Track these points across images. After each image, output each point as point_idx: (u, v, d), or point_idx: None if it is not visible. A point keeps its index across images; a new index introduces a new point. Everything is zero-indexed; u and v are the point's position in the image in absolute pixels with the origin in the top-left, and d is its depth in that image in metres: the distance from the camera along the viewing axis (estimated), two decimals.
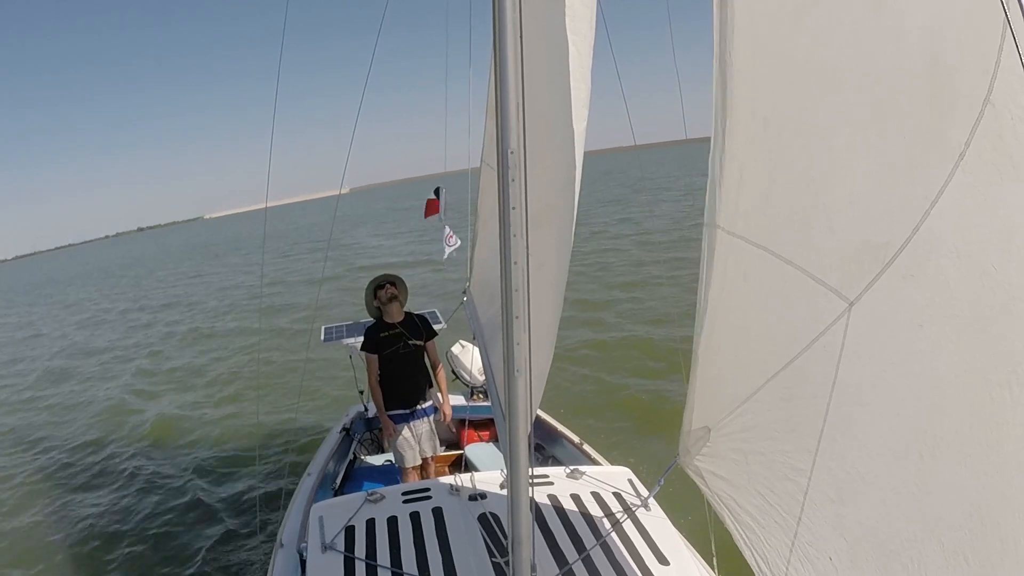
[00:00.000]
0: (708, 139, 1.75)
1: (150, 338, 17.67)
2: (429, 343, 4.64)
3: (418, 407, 4.58)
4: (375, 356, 4.48)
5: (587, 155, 2.15)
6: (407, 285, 4.74)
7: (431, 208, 5.37)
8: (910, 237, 1.38)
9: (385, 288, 4.51)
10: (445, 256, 5.55)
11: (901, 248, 1.40)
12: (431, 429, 4.66)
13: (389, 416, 4.51)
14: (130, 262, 58.10)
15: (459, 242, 5.33)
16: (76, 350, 17.99)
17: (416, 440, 4.57)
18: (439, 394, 4.73)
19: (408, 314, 4.66)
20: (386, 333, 4.50)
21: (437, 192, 5.20)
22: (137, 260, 59.04)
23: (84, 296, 33.37)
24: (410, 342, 4.51)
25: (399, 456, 4.57)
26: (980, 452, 1.32)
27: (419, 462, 4.61)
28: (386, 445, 4.70)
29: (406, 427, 4.53)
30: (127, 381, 13.14)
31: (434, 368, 4.71)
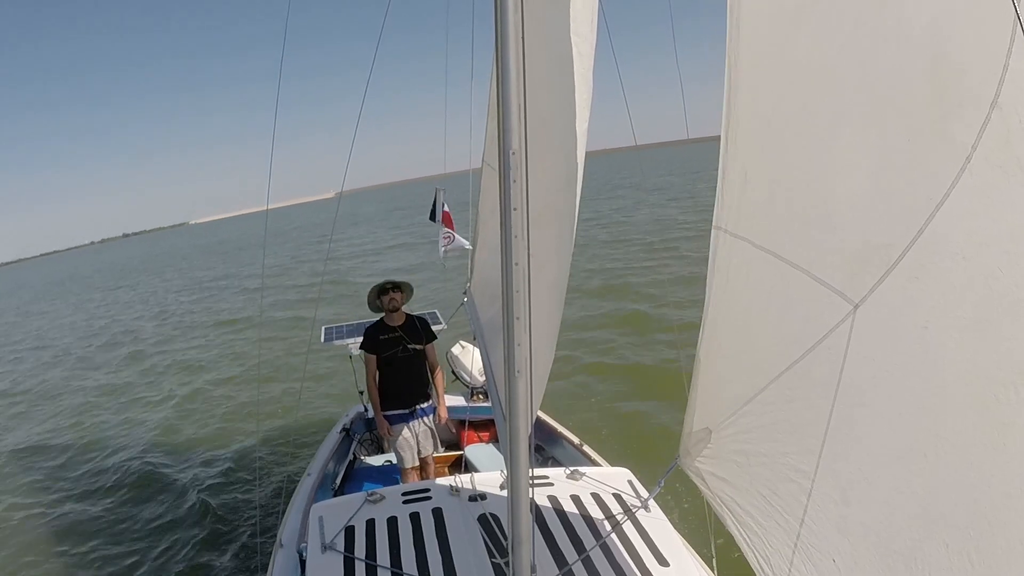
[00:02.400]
0: (708, 139, 1.75)
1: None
2: (428, 346, 4.66)
3: (417, 407, 4.59)
4: (374, 356, 4.50)
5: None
6: (412, 287, 4.75)
7: (447, 219, 5.46)
8: (915, 239, 1.38)
9: (389, 296, 4.51)
10: (442, 255, 5.56)
11: (906, 250, 1.40)
12: (430, 429, 4.67)
13: (388, 415, 4.53)
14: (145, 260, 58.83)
15: (459, 242, 5.33)
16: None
17: (415, 440, 4.58)
18: (435, 392, 4.75)
19: (409, 316, 4.67)
20: (386, 336, 4.52)
21: (435, 201, 5.23)
22: (152, 258, 59.55)
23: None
24: (409, 346, 4.54)
25: (399, 457, 4.58)
26: (985, 453, 1.32)
27: (418, 462, 4.62)
28: (386, 445, 4.73)
29: (405, 427, 4.54)
30: (124, 376, 13.18)
31: (432, 370, 4.72)
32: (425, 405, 4.64)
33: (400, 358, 4.51)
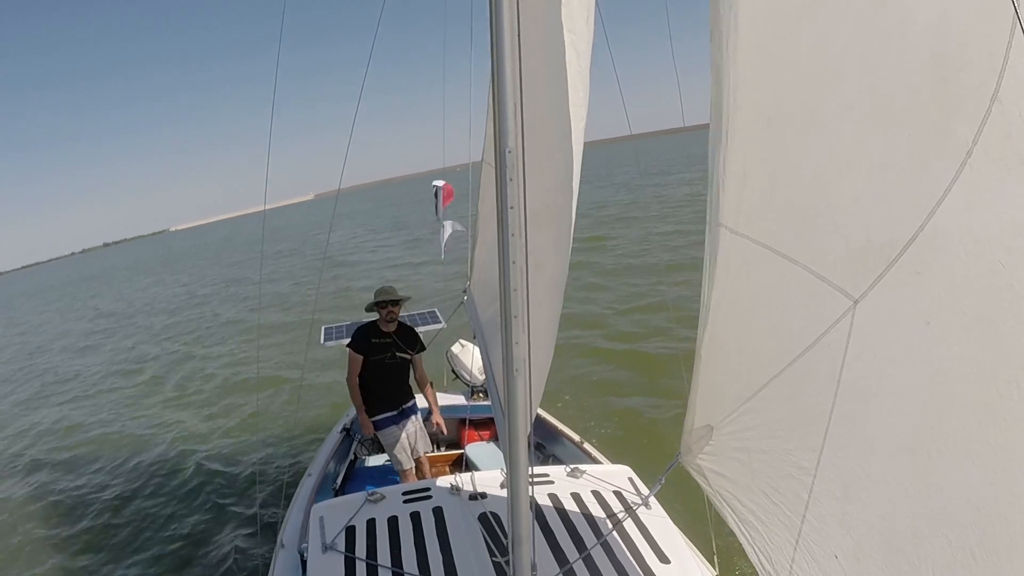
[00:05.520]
0: (705, 127, 1.75)
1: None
2: (417, 356, 4.70)
3: (403, 407, 4.62)
4: (360, 357, 4.52)
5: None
6: (409, 297, 4.78)
7: (447, 196, 5.38)
8: (916, 234, 1.37)
9: (387, 309, 4.55)
10: (443, 254, 5.53)
11: (907, 245, 1.39)
12: (420, 428, 4.69)
13: (377, 420, 4.57)
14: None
15: (460, 228, 5.27)
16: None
17: (409, 441, 4.60)
18: (428, 403, 4.80)
19: (402, 325, 4.70)
20: (377, 340, 4.55)
21: (436, 193, 5.20)
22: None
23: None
24: (398, 354, 4.57)
25: (395, 459, 4.60)
26: (988, 449, 1.31)
27: (413, 464, 4.63)
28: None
29: (398, 429, 4.56)
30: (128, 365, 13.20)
31: (422, 383, 4.77)
32: (411, 403, 4.67)
33: (387, 364, 4.55)
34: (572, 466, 3.38)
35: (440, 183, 5.19)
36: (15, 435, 10.96)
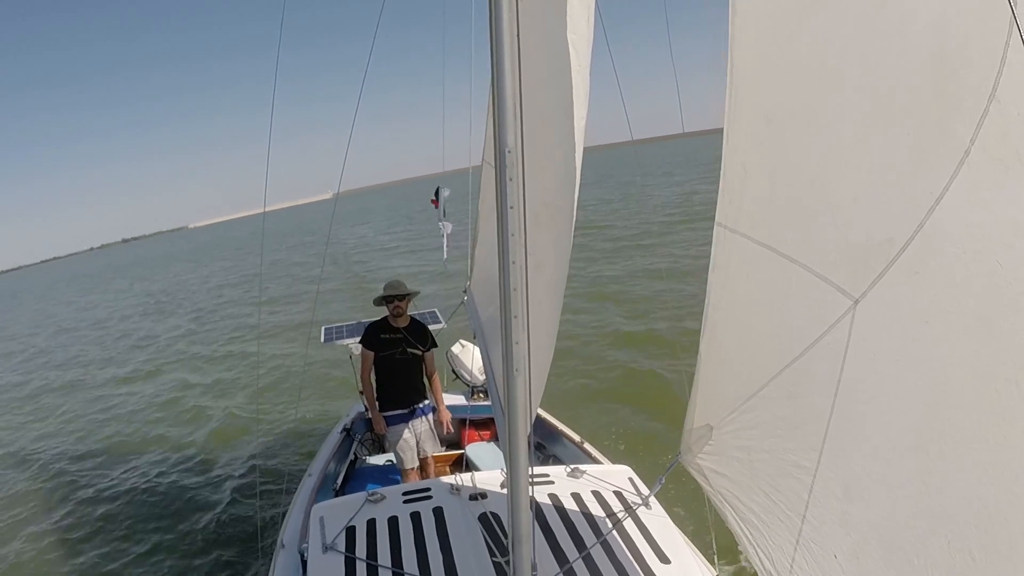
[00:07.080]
0: (706, 133, 1.74)
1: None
2: (428, 353, 4.68)
3: (416, 406, 4.60)
4: (371, 354, 4.52)
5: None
6: (417, 292, 4.78)
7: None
8: (915, 233, 1.37)
9: (395, 305, 4.55)
10: (446, 256, 5.52)
11: (906, 244, 1.39)
12: (430, 428, 4.68)
13: (387, 416, 4.55)
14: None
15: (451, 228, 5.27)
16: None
17: (416, 440, 4.58)
18: (434, 397, 4.78)
19: (413, 320, 4.69)
20: (388, 335, 4.54)
21: (437, 192, 5.21)
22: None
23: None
24: (409, 350, 4.56)
25: (399, 457, 4.59)
26: (988, 449, 1.31)
27: (418, 463, 4.62)
28: (387, 445, 4.73)
29: (406, 428, 4.55)
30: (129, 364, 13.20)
31: (430, 377, 4.75)
32: (424, 404, 4.65)
33: (398, 360, 4.53)
34: (572, 466, 3.38)
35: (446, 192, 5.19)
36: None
